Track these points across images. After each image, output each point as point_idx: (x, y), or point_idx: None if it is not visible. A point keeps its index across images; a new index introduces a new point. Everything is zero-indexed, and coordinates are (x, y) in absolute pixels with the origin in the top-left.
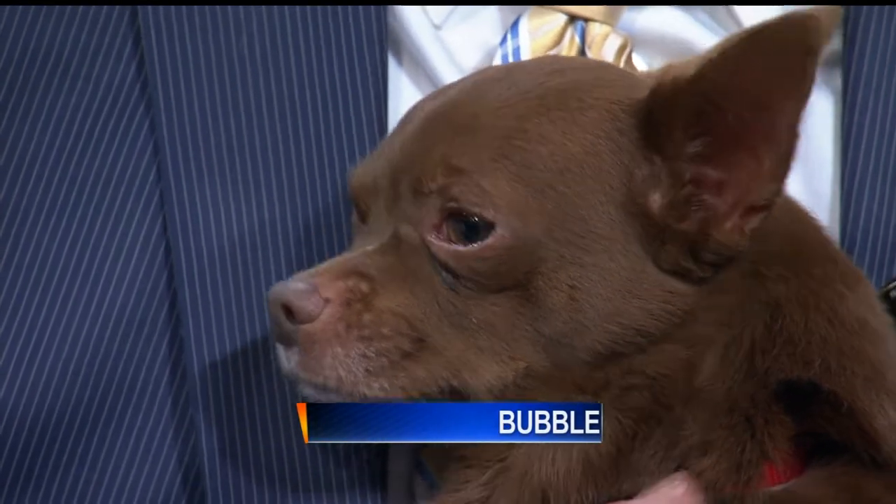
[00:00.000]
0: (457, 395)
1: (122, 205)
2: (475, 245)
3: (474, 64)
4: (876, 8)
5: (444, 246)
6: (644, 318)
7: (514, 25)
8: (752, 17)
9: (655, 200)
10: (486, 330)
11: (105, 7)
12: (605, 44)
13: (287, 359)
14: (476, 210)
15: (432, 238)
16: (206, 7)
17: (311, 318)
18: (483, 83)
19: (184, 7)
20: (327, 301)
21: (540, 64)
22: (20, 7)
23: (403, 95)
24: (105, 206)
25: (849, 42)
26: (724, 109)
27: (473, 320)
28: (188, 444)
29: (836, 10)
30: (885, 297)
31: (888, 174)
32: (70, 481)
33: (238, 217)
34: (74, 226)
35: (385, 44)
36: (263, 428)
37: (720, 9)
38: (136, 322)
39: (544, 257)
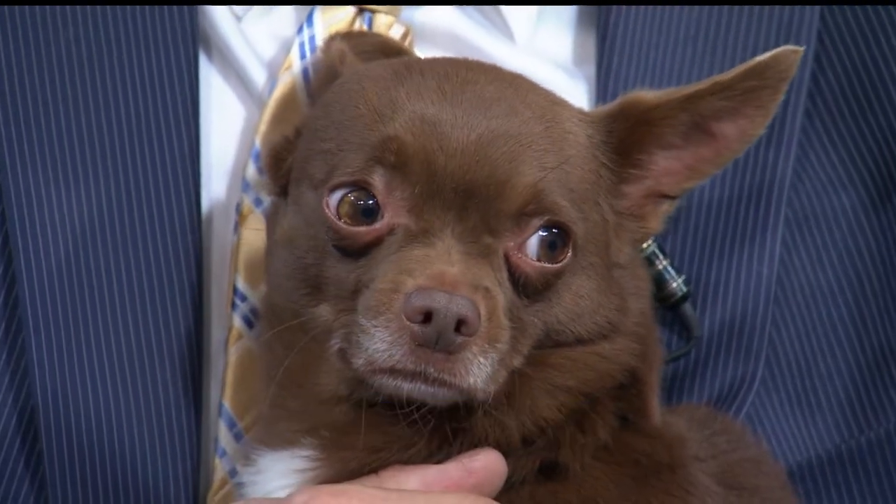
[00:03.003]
0: None
1: None
2: (557, 263)
3: (272, 54)
4: (624, 8)
5: (532, 262)
6: (612, 311)
7: (310, 17)
8: (516, 15)
9: (621, 200)
10: (521, 330)
11: None
12: (388, 33)
13: (418, 358)
14: (571, 224)
15: (520, 254)
16: (36, 7)
17: (475, 333)
18: (504, 101)
19: (9, 7)
20: (481, 317)
21: (516, 77)
22: None
23: (213, 85)
24: None
25: (601, 38)
26: (702, 121)
27: (519, 325)
28: (23, 387)
29: (801, 50)
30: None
31: None
32: None
33: (67, 192)
34: None
35: (196, 39)
36: (91, 372)
37: (489, 8)
38: None
39: (571, 266)
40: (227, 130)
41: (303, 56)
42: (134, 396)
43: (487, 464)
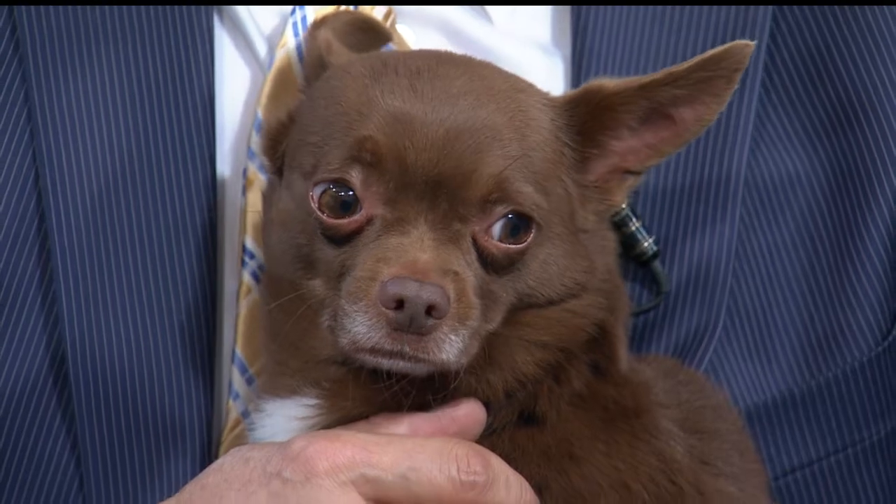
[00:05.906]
0: None
1: None
2: (521, 244)
3: (273, 26)
4: (600, 8)
5: (497, 244)
6: (579, 273)
7: None
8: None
9: (585, 175)
10: (493, 301)
11: None
12: (372, 12)
13: (394, 340)
14: (532, 213)
15: (486, 237)
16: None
17: (445, 315)
18: (471, 94)
19: None
20: (450, 300)
21: (485, 67)
22: None
23: (225, 48)
24: None
25: (575, 17)
26: (661, 106)
27: (490, 297)
28: (55, 333)
29: (752, 44)
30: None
31: None
32: None
33: (94, 148)
34: None
35: (211, 7)
36: (115, 319)
37: None
38: (3, 228)
39: (536, 239)
40: (237, 94)
41: (296, 35)
42: (154, 342)
43: (469, 412)
